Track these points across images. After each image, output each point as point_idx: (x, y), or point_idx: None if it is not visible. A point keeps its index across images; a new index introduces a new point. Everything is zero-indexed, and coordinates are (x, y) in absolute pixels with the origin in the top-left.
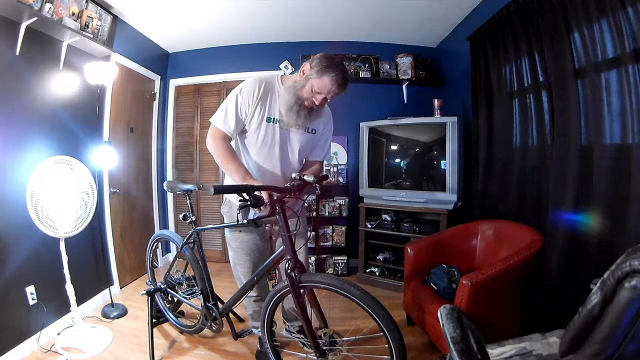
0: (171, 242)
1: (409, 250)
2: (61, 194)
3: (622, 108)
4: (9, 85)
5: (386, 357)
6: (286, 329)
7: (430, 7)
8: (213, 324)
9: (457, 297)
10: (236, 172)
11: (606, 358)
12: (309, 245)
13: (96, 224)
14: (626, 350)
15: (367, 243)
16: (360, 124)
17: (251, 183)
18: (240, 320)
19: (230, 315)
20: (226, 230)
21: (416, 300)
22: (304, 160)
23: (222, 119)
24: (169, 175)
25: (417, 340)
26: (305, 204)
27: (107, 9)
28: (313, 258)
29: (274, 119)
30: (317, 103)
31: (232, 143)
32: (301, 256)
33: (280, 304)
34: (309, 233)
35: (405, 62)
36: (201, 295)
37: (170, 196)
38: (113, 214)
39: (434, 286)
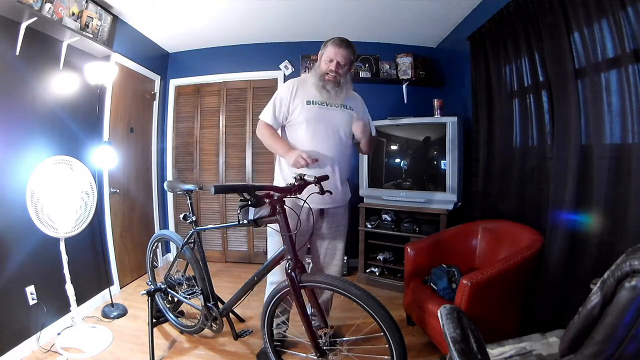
0: (171, 242)
1: (409, 250)
2: (61, 194)
3: (622, 108)
4: (9, 85)
5: (386, 357)
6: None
7: (430, 7)
8: (213, 324)
9: (457, 297)
10: (281, 147)
11: (606, 358)
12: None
13: (96, 224)
14: (626, 350)
15: (367, 243)
16: None
17: (296, 154)
18: (241, 320)
19: (231, 315)
20: (271, 234)
21: (416, 300)
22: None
23: (264, 113)
24: (169, 175)
25: (417, 340)
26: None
27: (107, 9)
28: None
29: (313, 101)
30: (332, 69)
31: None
32: (336, 261)
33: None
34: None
35: (405, 62)
36: (201, 295)
37: (170, 196)
38: (113, 214)
39: (434, 286)
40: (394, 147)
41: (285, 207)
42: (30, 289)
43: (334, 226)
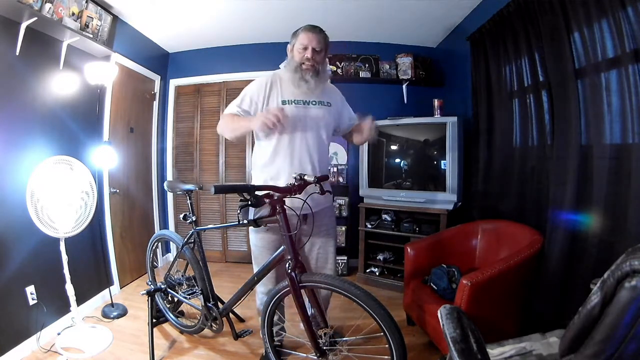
0: (171, 242)
1: (409, 250)
2: (61, 194)
3: (622, 108)
4: (9, 85)
5: (386, 357)
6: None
7: (430, 7)
8: (213, 324)
9: (457, 297)
10: (244, 120)
11: (606, 358)
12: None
13: (96, 224)
14: (626, 350)
15: (367, 243)
16: None
17: (262, 116)
18: (241, 320)
19: (231, 315)
20: (251, 231)
21: (416, 300)
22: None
23: (228, 108)
24: (169, 175)
25: (417, 340)
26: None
27: (107, 9)
28: None
29: (288, 100)
30: (308, 56)
31: (257, 149)
32: (329, 265)
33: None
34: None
35: (405, 62)
36: (201, 295)
37: (170, 196)
38: (113, 214)
39: (434, 286)
40: (394, 147)
41: (285, 207)
42: (30, 289)
43: (323, 229)
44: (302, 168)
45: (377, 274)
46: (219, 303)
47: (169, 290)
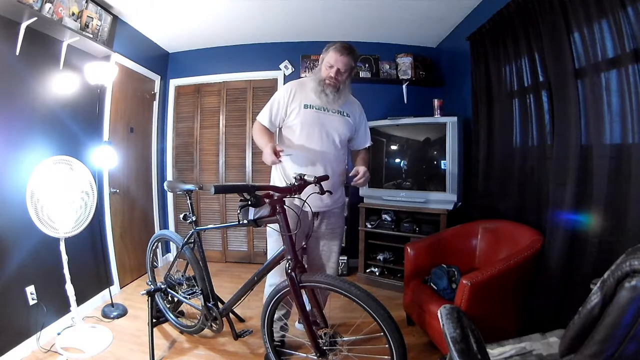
0: (171, 242)
1: (409, 250)
2: (61, 194)
3: (622, 108)
4: (9, 85)
5: (386, 357)
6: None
7: (430, 7)
8: (213, 324)
9: (457, 297)
10: (262, 141)
11: (606, 358)
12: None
13: (96, 224)
14: (626, 350)
15: (367, 243)
16: None
17: (271, 146)
18: (241, 320)
19: (231, 315)
20: (270, 233)
21: (416, 300)
22: (352, 152)
23: (261, 114)
24: (169, 175)
25: (417, 340)
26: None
27: (107, 9)
28: None
29: (310, 105)
30: (332, 75)
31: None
32: (331, 264)
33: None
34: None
35: (405, 62)
36: (201, 295)
37: (170, 196)
38: (113, 214)
39: (434, 286)
40: (394, 147)
41: (285, 207)
42: (30, 289)
43: (329, 228)
44: (314, 168)
45: (377, 274)
46: (219, 303)
47: (169, 290)
